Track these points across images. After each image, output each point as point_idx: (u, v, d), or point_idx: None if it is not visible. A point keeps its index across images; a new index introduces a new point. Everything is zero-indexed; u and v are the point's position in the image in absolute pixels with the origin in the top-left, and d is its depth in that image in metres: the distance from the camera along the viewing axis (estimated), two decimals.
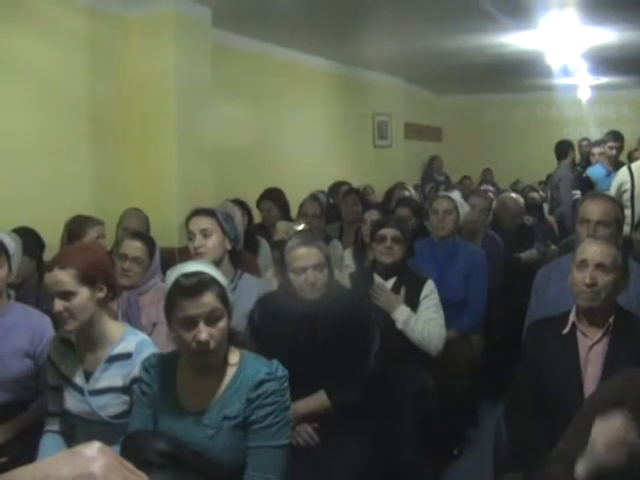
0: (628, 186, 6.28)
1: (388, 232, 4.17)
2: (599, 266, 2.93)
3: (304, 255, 3.33)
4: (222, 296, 2.43)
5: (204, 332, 2.35)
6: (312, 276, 3.30)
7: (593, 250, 2.98)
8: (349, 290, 3.98)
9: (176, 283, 2.45)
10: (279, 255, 4.48)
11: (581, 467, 2.03)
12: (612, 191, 6.16)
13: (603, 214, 3.59)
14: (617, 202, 3.97)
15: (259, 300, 3.56)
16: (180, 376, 2.53)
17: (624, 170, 6.52)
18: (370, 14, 6.51)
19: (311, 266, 3.31)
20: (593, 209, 3.62)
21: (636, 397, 2.07)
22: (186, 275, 2.47)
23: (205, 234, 3.69)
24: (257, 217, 6.06)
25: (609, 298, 2.92)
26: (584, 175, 7.68)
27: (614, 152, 7.46)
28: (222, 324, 2.40)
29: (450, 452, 4.53)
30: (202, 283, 2.40)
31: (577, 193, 7.22)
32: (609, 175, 6.96)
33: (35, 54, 4.91)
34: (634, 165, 6.52)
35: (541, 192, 8.74)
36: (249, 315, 3.47)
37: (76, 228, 4.35)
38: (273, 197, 6.13)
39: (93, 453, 1.11)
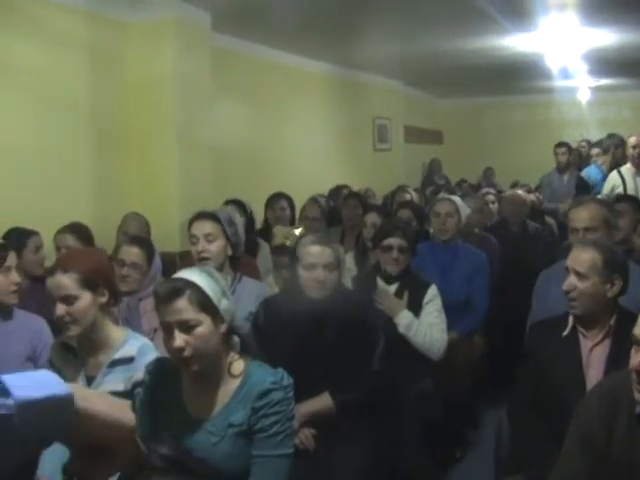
0: (620, 189, 6.33)
1: (394, 242, 4.14)
2: (576, 273, 2.94)
3: (317, 252, 3.32)
4: (202, 304, 2.37)
5: (178, 339, 2.33)
6: (322, 274, 3.29)
7: (572, 257, 3.00)
8: (354, 292, 3.97)
9: (154, 290, 2.47)
10: (278, 260, 4.49)
11: None
12: (604, 195, 6.20)
13: (588, 220, 3.62)
14: (604, 203, 3.97)
15: (263, 302, 3.55)
16: (185, 382, 2.51)
17: (614, 174, 6.59)
18: (369, 17, 6.52)
19: (322, 264, 3.30)
20: (578, 217, 3.67)
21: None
22: (164, 282, 2.49)
23: (209, 239, 3.65)
24: (258, 220, 6.03)
25: (592, 304, 2.91)
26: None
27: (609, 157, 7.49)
28: (200, 331, 2.35)
29: (452, 455, 4.52)
30: (174, 290, 2.36)
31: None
32: (605, 177, 6.99)
33: (35, 59, 4.91)
34: (623, 168, 6.57)
35: (538, 195, 8.76)
36: (253, 317, 3.48)
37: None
38: (288, 198, 6.13)
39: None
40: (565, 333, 2.98)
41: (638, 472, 2.19)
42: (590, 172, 7.47)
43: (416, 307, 4.07)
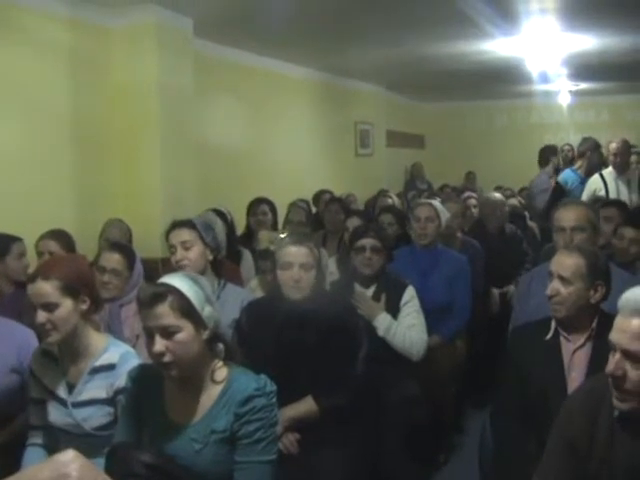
0: (602, 192, 6.34)
1: (367, 242, 4.14)
2: (560, 278, 2.95)
3: (293, 252, 3.32)
4: (183, 310, 2.37)
5: (157, 344, 2.33)
6: (297, 273, 3.28)
7: (556, 261, 3.01)
8: (337, 295, 3.97)
9: (137, 294, 2.47)
10: (263, 264, 4.48)
11: None
12: (584, 198, 6.22)
13: (577, 220, 3.62)
14: (590, 207, 4.00)
15: (246, 306, 3.55)
16: (167, 388, 2.50)
17: (596, 177, 6.59)
18: (352, 23, 6.53)
19: (298, 263, 3.29)
20: (567, 216, 3.66)
21: None
22: (147, 286, 2.49)
23: (186, 247, 3.67)
24: (239, 226, 6.01)
25: (575, 309, 2.92)
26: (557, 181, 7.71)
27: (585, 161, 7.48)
28: (180, 338, 2.35)
29: (436, 459, 4.53)
30: (156, 295, 2.35)
31: None
32: (583, 182, 6.99)
33: (16, 66, 4.89)
34: (605, 172, 6.58)
35: (520, 199, 8.78)
36: (236, 322, 3.47)
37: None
38: (269, 203, 6.11)
39: (68, 458, 1.23)
40: (548, 336, 2.99)
41: (619, 472, 2.21)
42: (567, 176, 7.47)
43: (394, 309, 4.06)
